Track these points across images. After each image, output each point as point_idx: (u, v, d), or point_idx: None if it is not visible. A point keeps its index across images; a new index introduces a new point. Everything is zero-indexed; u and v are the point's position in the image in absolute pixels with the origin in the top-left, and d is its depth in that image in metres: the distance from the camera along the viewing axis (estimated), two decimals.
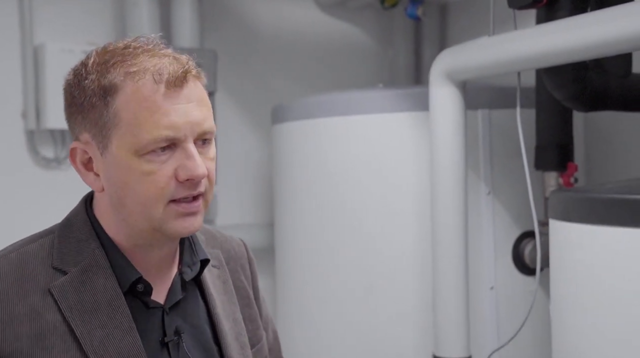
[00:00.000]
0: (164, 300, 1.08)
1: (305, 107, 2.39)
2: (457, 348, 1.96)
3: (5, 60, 2.67)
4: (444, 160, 1.96)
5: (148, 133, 0.96)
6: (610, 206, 1.41)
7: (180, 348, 1.06)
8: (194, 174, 0.98)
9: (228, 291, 1.20)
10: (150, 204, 0.99)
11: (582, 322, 1.49)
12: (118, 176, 1.00)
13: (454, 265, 1.97)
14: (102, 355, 0.99)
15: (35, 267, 1.02)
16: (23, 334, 0.97)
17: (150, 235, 1.03)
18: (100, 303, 1.01)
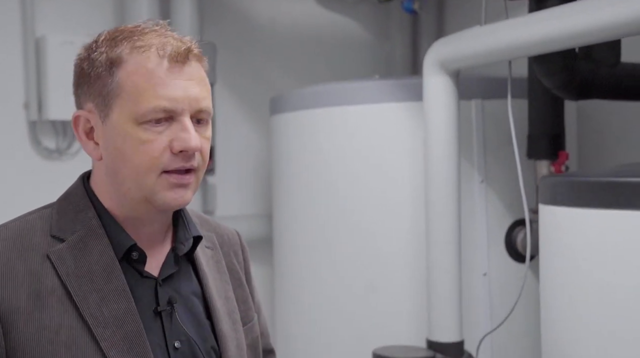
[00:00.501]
0: (157, 274, 1.11)
1: (302, 97, 2.43)
2: (450, 333, 2.00)
3: (8, 53, 2.71)
4: (437, 148, 2.00)
5: (148, 102, 1.01)
6: (595, 189, 1.44)
7: (173, 317, 1.09)
8: (188, 146, 1.02)
9: (221, 271, 1.23)
10: (144, 172, 1.03)
11: (568, 303, 1.53)
12: (116, 144, 1.04)
13: (447, 251, 2.01)
14: (98, 318, 1.02)
15: (35, 235, 1.06)
16: (23, 294, 1.01)
17: (141, 206, 1.07)
18: (95, 269, 1.05)
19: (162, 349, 1.08)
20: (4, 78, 2.71)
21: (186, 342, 1.11)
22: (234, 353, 1.16)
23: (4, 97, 2.71)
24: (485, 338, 2.09)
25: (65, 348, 1.00)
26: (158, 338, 1.08)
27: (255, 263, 3.38)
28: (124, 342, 1.03)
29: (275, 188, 2.68)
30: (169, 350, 1.08)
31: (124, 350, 1.02)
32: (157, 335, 1.08)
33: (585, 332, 1.51)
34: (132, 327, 1.04)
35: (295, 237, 2.54)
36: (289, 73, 3.17)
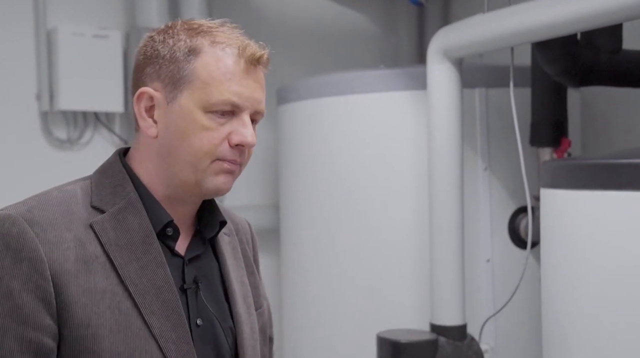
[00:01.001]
0: (183, 253, 1.17)
1: (307, 87, 2.46)
2: (452, 317, 2.03)
3: (20, 45, 2.76)
4: (440, 135, 2.03)
5: (220, 94, 1.09)
6: (592, 171, 1.47)
7: (198, 296, 1.15)
8: (245, 141, 1.11)
9: (237, 257, 1.29)
10: (200, 156, 1.10)
11: (566, 285, 1.56)
12: (179, 125, 1.11)
13: (449, 237, 2.04)
14: (137, 285, 1.08)
15: (77, 204, 1.11)
16: (70, 257, 1.05)
17: (188, 187, 1.13)
18: (135, 240, 1.10)
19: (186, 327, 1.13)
20: (16, 69, 2.76)
21: (207, 321, 1.16)
22: (248, 335, 1.22)
23: (16, 88, 2.76)
24: (489, 322, 2.12)
25: (110, 312, 1.06)
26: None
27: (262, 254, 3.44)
28: (162, 310, 1.09)
29: (282, 178, 2.72)
30: (191, 327, 1.13)
31: (162, 317, 1.09)
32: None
33: (584, 314, 1.54)
34: (169, 296, 1.10)
35: (301, 227, 2.57)
36: (297, 66, 3.20)
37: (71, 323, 1.04)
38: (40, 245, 1.04)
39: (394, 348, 1.94)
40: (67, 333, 1.04)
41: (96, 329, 1.05)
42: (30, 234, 1.04)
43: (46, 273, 1.03)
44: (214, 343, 1.17)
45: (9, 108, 2.75)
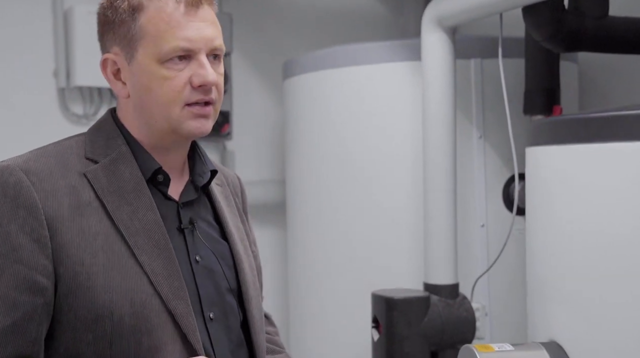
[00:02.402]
0: (178, 198, 1.25)
1: (310, 60, 2.55)
2: (444, 276, 2.11)
3: (38, 24, 2.88)
4: (434, 101, 2.10)
5: (168, 43, 1.15)
6: (567, 126, 1.54)
7: (195, 235, 1.23)
8: (206, 80, 1.16)
9: (230, 205, 1.37)
10: (169, 105, 1.17)
11: (544, 238, 1.63)
12: (142, 82, 1.18)
13: (443, 199, 2.12)
14: (129, 227, 1.16)
15: (72, 156, 1.19)
16: (64, 203, 1.14)
17: (168, 135, 1.20)
18: (126, 187, 1.18)
19: (185, 263, 1.20)
20: (35, 48, 2.88)
21: (206, 257, 1.23)
22: (247, 272, 1.30)
23: (35, 66, 2.89)
24: (482, 283, 2.19)
25: (102, 252, 1.13)
26: (181, 253, 1.21)
27: (271, 227, 3.52)
28: (153, 249, 1.16)
29: (287, 152, 2.81)
30: (191, 264, 1.21)
31: (153, 255, 1.15)
32: (180, 250, 1.20)
33: (561, 264, 1.60)
34: (159, 236, 1.17)
35: (305, 200, 2.66)
36: (304, 45, 3.29)
37: (66, 262, 1.12)
38: (35, 193, 1.12)
39: (387, 304, 2.03)
40: (63, 271, 1.12)
41: (90, 267, 1.12)
42: (27, 183, 1.12)
43: (41, 217, 1.11)
44: (214, 279, 1.24)
45: (28, 85, 2.87)
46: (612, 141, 1.45)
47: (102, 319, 1.12)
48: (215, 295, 1.23)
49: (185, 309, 1.16)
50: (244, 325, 1.28)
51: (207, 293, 1.22)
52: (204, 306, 1.21)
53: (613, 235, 1.47)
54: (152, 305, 1.14)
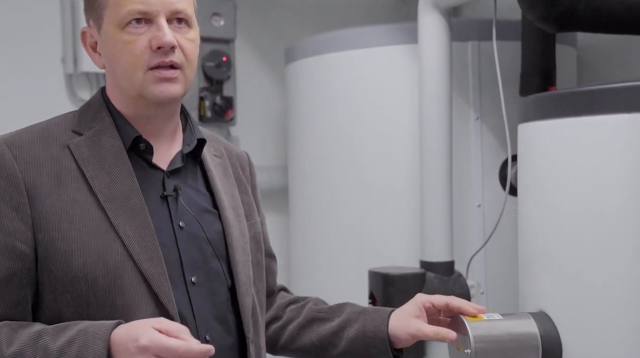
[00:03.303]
0: (166, 167, 1.29)
1: (311, 44, 2.60)
2: (440, 253, 2.15)
3: (46, 12, 2.94)
4: (430, 82, 2.14)
5: (125, 7, 1.21)
6: (555, 100, 1.58)
7: (178, 202, 1.27)
8: (163, 41, 1.20)
9: (227, 175, 1.41)
10: (132, 69, 1.22)
11: (532, 210, 1.67)
12: (108, 49, 1.24)
13: (439, 178, 2.16)
14: (106, 194, 1.21)
15: (58, 130, 1.26)
16: (44, 173, 1.20)
17: (138, 102, 1.25)
18: (107, 157, 1.24)
19: (168, 229, 1.25)
20: (43, 35, 2.95)
21: (190, 224, 1.27)
22: (237, 237, 1.33)
23: (43, 53, 2.96)
24: (478, 261, 2.23)
25: (80, 218, 1.19)
26: (165, 219, 1.25)
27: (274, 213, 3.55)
28: (128, 213, 1.21)
29: (290, 136, 2.86)
30: (175, 230, 1.25)
31: (127, 219, 1.20)
32: (163, 217, 1.25)
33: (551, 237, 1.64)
34: (135, 201, 1.22)
35: (306, 184, 2.71)
36: (307, 32, 3.33)
37: (45, 227, 1.18)
38: (16, 164, 1.19)
39: (384, 280, 2.07)
40: (41, 237, 1.18)
41: (67, 232, 1.18)
42: (8, 155, 1.20)
43: (21, 187, 1.18)
44: (198, 243, 1.28)
45: (36, 71, 2.94)
46: (597, 114, 1.48)
47: (77, 280, 1.18)
48: (199, 260, 1.27)
49: (158, 271, 1.20)
50: (232, 288, 1.31)
51: (189, 259, 1.26)
52: (185, 271, 1.25)
53: (599, 208, 1.50)
54: (125, 267, 1.19)
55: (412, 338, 1.37)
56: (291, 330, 1.48)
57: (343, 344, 1.42)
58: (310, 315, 1.47)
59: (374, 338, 1.38)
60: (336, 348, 1.43)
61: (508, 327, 1.56)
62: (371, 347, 1.39)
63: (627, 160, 1.45)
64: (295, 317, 1.49)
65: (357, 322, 1.41)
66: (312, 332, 1.46)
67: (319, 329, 1.45)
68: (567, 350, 1.55)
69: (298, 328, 1.47)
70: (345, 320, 1.43)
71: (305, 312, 1.49)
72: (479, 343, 1.48)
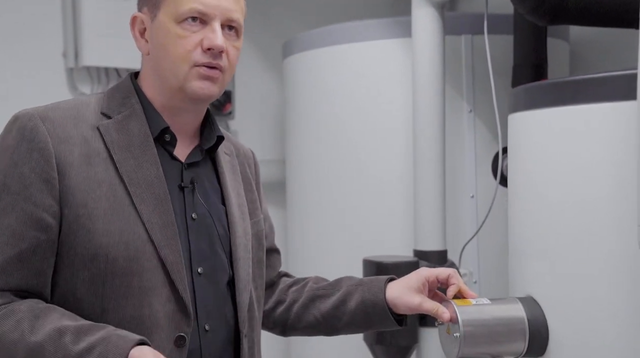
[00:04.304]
0: (184, 159, 1.35)
1: (308, 38, 2.64)
2: (433, 242, 2.19)
3: (48, 7, 2.99)
4: (423, 75, 2.18)
5: (185, 4, 1.26)
6: (541, 91, 1.62)
7: (194, 194, 1.32)
8: (214, 44, 1.26)
9: (235, 173, 1.46)
10: (179, 63, 1.27)
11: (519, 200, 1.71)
12: (159, 38, 1.29)
13: (432, 170, 2.20)
14: (132, 178, 1.26)
15: (88, 110, 1.30)
16: (75, 151, 1.24)
17: (176, 94, 1.30)
18: (134, 142, 1.28)
19: (182, 219, 1.30)
20: (45, 30, 2.99)
21: (202, 216, 1.32)
22: (240, 235, 1.38)
23: (45, 47, 3.00)
24: (471, 250, 2.28)
25: (105, 198, 1.23)
26: (179, 209, 1.30)
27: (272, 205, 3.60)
28: (152, 200, 1.25)
29: (287, 129, 2.90)
30: (187, 220, 1.30)
31: (151, 206, 1.25)
32: (178, 206, 1.30)
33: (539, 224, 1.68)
34: (159, 189, 1.27)
35: (303, 177, 2.75)
36: (305, 26, 3.37)
37: (71, 203, 1.22)
38: (50, 139, 1.22)
39: (377, 268, 2.11)
40: (67, 212, 1.22)
41: (92, 210, 1.22)
42: (42, 128, 1.23)
43: (52, 161, 1.22)
44: (207, 236, 1.33)
45: (38, 64, 2.98)
46: (581, 103, 1.52)
47: (97, 258, 1.21)
48: (207, 251, 1.32)
49: (177, 258, 1.25)
50: (232, 284, 1.36)
51: (198, 249, 1.31)
52: (193, 261, 1.30)
53: (585, 196, 1.54)
54: (145, 251, 1.23)
55: (409, 310, 1.44)
56: (296, 311, 1.54)
57: (346, 317, 1.49)
58: (311, 293, 1.54)
59: (373, 307, 1.45)
60: (340, 320, 1.50)
61: (496, 312, 1.60)
62: (372, 315, 1.46)
63: (611, 148, 1.49)
64: (298, 298, 1.55)
65: (355, 293, 1.48)
66: (315, 309, 1.52)
67: (321, 306, 1.51)
68: (554, 333, 1.60)
69: (302, 308, 1.53)
70: (345, 293, 1.50)
71: (306, 292, 1.55)
72: (468, 327, 1.52)
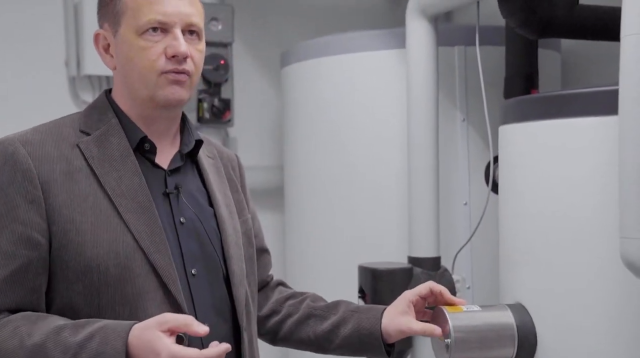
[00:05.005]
0: (167, 166, 1.39)
1: (305, 48, 2.70)
2: (427, 249, 2.25)
3: (51, 17, 3.05)
4: (417, 86, 2.24)
5: (145, 16, 1.30)
6: (530, 104, 1.68)
7: (179, 199, 1.36)
8: (179, 51, 1.30)
9: (220, 175, 1.50)
10: (146, 73, 1.31)
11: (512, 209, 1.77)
12: (124, 52, 1.33)
13: (425, 178, 2.25)
14: (116, 190, 1.30)
15: (67, 129, 1.34)
16: (56, 170, 1.29)
17: (147, 103, 1.34)
18: (114, 155, 1.33)
19: (170, 225, 1.34)
20: (47, 39, 3.05)
21: (190, 220, 1.36)
22: (230, 233, 1.43)
23: (47, 56, 3.06)
24: (464, 257, 2.33)
25: (91, 212, 1.27)
26: (166, 215, 1.34)
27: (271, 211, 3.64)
28: (137, 209, 1.30)
29: (285, 137, 2.96)
30: (176, 225, 1.35)
31: (136, 214, 1.29)
32: (165, 213, 1.34)
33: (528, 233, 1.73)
34: (143, 198, 1.31)
35: (300, 184, 2.81)
36: (302, 36, 3.43)
37: (58, 220, 1.26)
38: (31, 161, 1.27)
39: (372, 275, 2.17)
40: (55, 229, 1.26)
41: (80, 224, 1.26)
42: (23, 151, 1.28)
43: (35, 181, 1.27)
44: (197, 238, 1.37)
45: (41, 73, 3.04)
46: (567, 117, 1.58)
47: (90, 270, 1.26)
48: (198, 253, 1.36)
49: (167, 262, 1.29)
50: (227, 280, 1.41)
51: (190, 251, 1.35)
52: (186, 263, 1.34)
53: (571, 207, 1.60)
54: (135, 258, 1.28)
55: (402, 334, 1.48)
56: (290, 325, 1.58)
57: (338, 341, 1.52)
58: (307, 311, 1.57)
59: (369, 335, 1.48)
60: (331, 343, 1.54)
61: (486, 318, 1.66)
62: (366, 343, 1.49)
63: (597, 161, 1.54)
64: (294, 313, 1.58)
65: (351, 320, 1.51)
66: (309, 327, 1.56)
67: (315, 326, 1.55)
68: (542, 339, 1.65)
69: (296, 324, 1.57)
70: (341, 318, 1.53)
71: (303, 308, 1.58)
72: (458, 333, 1.57)
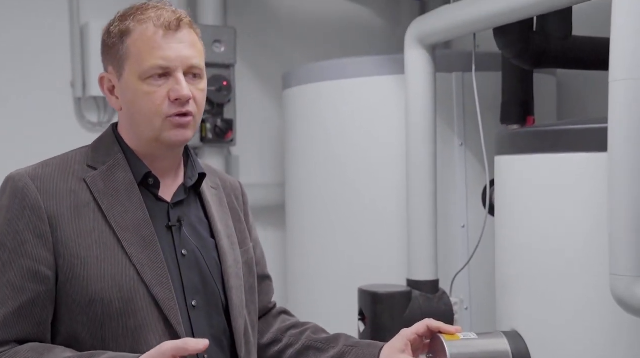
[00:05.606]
0: (170, 199, 1.42)
1: (306, 72, 2.75)
2: (426, 272, 2.30)
3: (57, 38, 3.11)
4: (415, 112, 2.30)
5: (147, 62, 1.32)
6: (526, 138, 1.73)
7: (182, 232, 1.40)
8: (181, 94, 1.33)
9: (223, 205, 1.54)
10: (151, 117, 1.35)
11: (506, 234, 1.82)
12: (128, 97, 1.36)
13: (424, 202, 2.31)
14: (121, 224, 1.34)
15: (75, 164, 1.38)
16: (64, 204, 1.32)
17: (153, 143, 1.38)
18: (120, 189, 1.36)
19: (172, 256, 1.38)
20: (54, 60, 3.11)
21: (192, 252, 1.40)
22: (231, 265, 1.46)
23: (54, 77, 3.11)
24: (462, 279, 2.38)
25: (96, 246, 1.31)
26: (169, 247, 1.38)
27: (272, 229, 3.70)
28: (140, 243, 1.33)
29: (286, 157, 3.01)
30: (177, 257, 1.39)
31: (140, 248, 1.33)
32: (168, 245, 1.37)
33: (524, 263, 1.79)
34: (147, 231, 1.34)
35: (301, 202, 2.86)
36: (305, 58, 3.49)
37: (65, 254, 1.30)
38: (39, 195, 1.31)
39: (372, 298, 2.22)
40: (62, 262, 1.30)
41: (85, 258, 1.30)
42: (32, 187, 1.31)
43: (44, 216, 1.30)
44: (198, 270, 1.41)
45: (47, 94, 3.10)
46: (560, 152, 1.64)
47: (94, 303, 1.30)
48: (199, 285, 1.41)
49: (168, 295, 1.33)
50: (227, 311, 1.45)
51: (190, 283, 1.39)
52: (187, 295, 1.38)
53: (564, 239, 1.65)
54: (137, 291, 1.31)
55: None
56: (289, 355, 1.61)
57: None
58: (307, 343, 1.60)
59: None
60: None
61: (482, 345, 1.70)
62: None
63: (586, 196, 1.60)
64: (294, 343, 1.61)
65: (350, 355, 1.53)
66: None
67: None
68: None
69: (295, 354, 1.60)
70: (340, 352, 1.55)
71: (303, 339, 1.61)
72: None
